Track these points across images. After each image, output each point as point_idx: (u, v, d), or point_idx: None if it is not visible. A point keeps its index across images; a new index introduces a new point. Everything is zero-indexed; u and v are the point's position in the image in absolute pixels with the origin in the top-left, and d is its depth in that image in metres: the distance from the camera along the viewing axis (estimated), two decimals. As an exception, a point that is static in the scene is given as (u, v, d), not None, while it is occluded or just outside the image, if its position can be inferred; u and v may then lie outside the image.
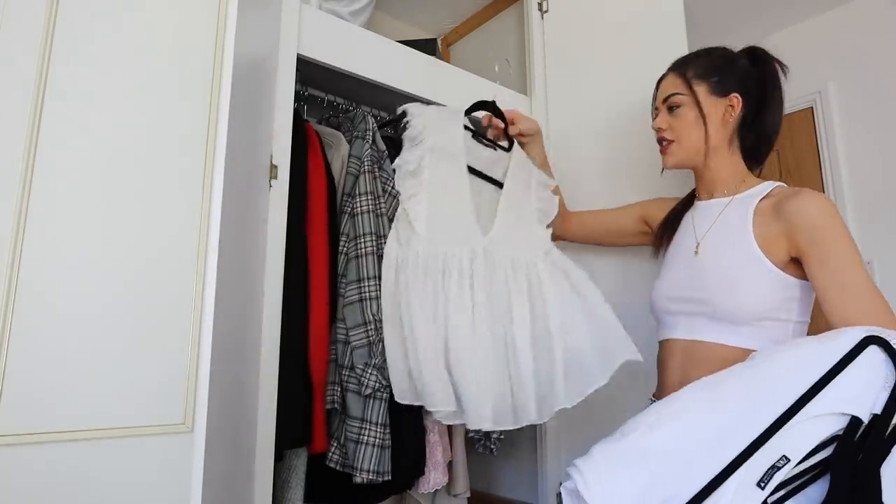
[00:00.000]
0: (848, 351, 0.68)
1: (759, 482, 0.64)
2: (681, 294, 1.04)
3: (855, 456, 0.63)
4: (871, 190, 2.00)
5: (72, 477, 0.78)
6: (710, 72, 1.10)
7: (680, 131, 1.09)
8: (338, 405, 1.26)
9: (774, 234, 0.94)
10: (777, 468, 0.64)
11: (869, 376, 0.66)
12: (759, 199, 1.00)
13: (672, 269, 1.11)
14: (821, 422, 0.65)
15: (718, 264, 0.99)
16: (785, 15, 2.21)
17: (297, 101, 1.31)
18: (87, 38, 0.87)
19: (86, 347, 0.81)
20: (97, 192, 0.85)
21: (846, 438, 0.64)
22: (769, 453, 0.65)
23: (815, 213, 0.89)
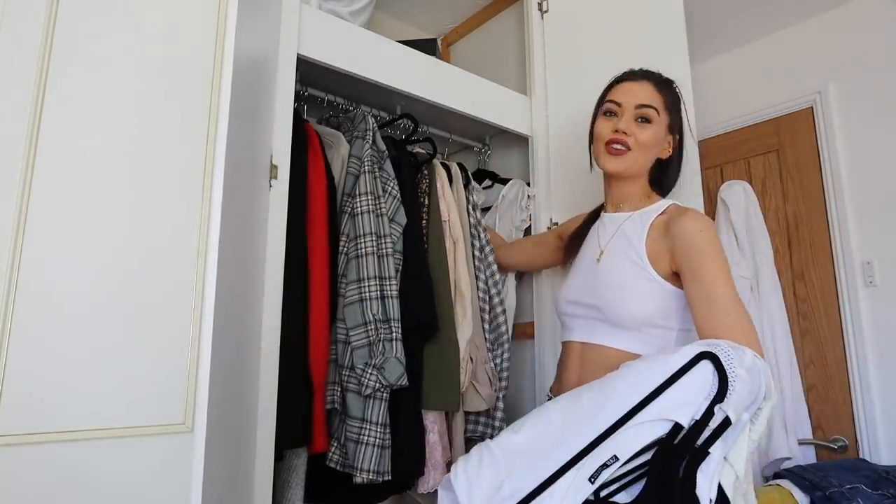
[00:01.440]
0: (682, 365, 0.76)
1: (591, 477, 0.74)
2: (580, 299, 1.10)
3: (673, 457, 0.72)
4: (871, 190, 2.00)
5: (72, 477, 0.78)
6: (675, 107, 1.16)
7: (642, 145, 1.10)
8: (338, 405, 1.26)
9: (662, 249, 1.01)
10: (607, 465, 0.74)
11: (695, 387, 0.75)
12: (656, 216, 1.08)
13: (575, 275, 1.17)
14: (648, 427, 0.74)
15: (612, 273, 1.06)
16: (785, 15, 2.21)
17: (297, 101, 1.31)
18: (87, 38, 0.87)
19: (86, 347, 0.81)
20: (97, 192, 0.85)
21: (665, 441, 0.73)
22: (602, 453, 0.74)
23: (694, 233, 0.96)
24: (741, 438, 0.75)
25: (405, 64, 1.50)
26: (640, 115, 1.10)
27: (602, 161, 1.13)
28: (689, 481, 0.71)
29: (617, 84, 1.18)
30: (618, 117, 1.12)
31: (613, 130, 1.10)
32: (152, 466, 0.84)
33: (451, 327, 1.42)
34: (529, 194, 1.73)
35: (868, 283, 1.98)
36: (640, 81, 1.14)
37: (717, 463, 0.72)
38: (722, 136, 2.44)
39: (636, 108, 1.10)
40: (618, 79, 1.19)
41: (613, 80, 1.21)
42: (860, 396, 1.94)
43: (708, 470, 0.71)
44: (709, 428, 0.73)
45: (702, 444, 0.72)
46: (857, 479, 1.52)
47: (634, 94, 1.12)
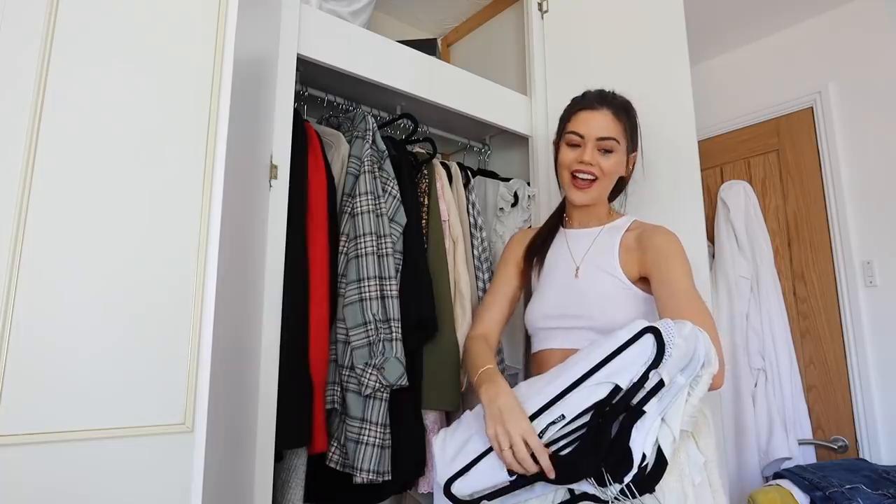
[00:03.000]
0: (628, 338, 0.88)
1: (539, 433, 0.88)
2: (561, 311, 1.15)
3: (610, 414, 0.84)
4: (871, 190, 2.00)
5: (72, 477, 0.78)
6: (632, 129, 1.22)
7: (607, 174, 1.18)
8: (338, 405, 1.26)
9: (632, 259, 1.13)
10: (554, 423, 0.87)
11: (635, 356, 0.86)
12: (624, 231, 1.18)
13: (550, 289, 1.20)
14: (592, 389, 0.86)
15: (595, 286, 1.14)
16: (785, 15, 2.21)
17: (297, 101, 1.31)
18: (87, 38, 0.87)
19: (86, 347, 0.81)
20: (97, 193, 0.85)
21: (603, 401, 0.85)
22: (552, 413, 0.88)
23: (664, 242, 1.09)
24: (677, 401, 0.85)
25: (405, 64, 1.50)
26: (601, 147, 1.16)
27: (571, 194, 1.20)
28: (623, 435, 0.82)
29: (576, 113, 1.20)
30: (581, 148, 1.18)
31: (579, 161, 1.17)
32: (152, 466, 0.84)
33: (451, 327, 1.42)
34: (529, 194, 1.72)
35: (868, 283, 1.98)
36: (598, 110, 1.18)
37: (651, 420, 0.83)
38: (722, 136, 2.44)
39: (597, 140, 1.16)
40: (576, 105, 1.22)
41: (572, 106, 1.24)
42: (860, 396, 1.94)
43: (643, 427, 0.83)
44: (644, 389, 0.84)
45: (637, 403, 0.84)
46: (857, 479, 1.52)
47: (595, 126, 1.17)
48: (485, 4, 2.18)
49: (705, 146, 2.39)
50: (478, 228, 1.62)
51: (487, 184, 1.86)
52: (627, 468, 0.81)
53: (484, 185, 1.86)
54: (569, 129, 1.20)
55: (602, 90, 1.23)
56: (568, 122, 1.22)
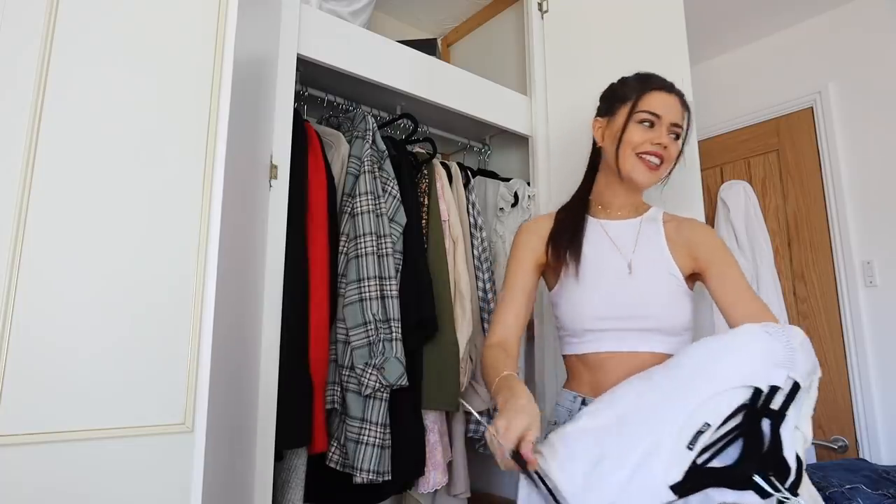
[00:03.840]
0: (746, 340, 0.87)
1: (689, 444, 0.80)
2: (616, 312, 1.06)
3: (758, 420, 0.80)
4: (871, 190, 2.00)
5: (72, 477, 0.78)
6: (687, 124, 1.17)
7: (669, 161, 1.12)
8: (338, 405, 1.26)
9: (683, 254, 1.08)
10: (701, 432, 0.81)
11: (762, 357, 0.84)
12: (662, 223, 1.13)
13: (599, 287, 1.09)
14: (732, 394, 0.82)
15: (654, 284, 1.07)
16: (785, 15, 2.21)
17: (297, 101, 1.31)
18: (87, 38, 0.87)
19: (86, 347, 0.81)
20: (97, 193, 0.85)
21: (751, 406, 0.81)
22: (694, 422, 0.81)
23: (712, 236, 1.09)
24: (806, 404, 0.84)
25: (405, 64, 1.50)
26: (673, 132, 1.11)
27: (636, 173, 1.10)
28: (776, 439, 0.79)
29: (650, 92, 1.12)
30: (654, 129, 1.10)
31: (652, 143, 1.08)
32: (152, 466, 0.84)
33: (451, 327, 1.42)
34: (529, 194, 1.72)
35: (868, 283, 1.97)
36: (671, 94, 1.12)
37: (792, 424, 0.81)
38: (722, 136, 2.44)
39: (671, 125, 1.10)
40: (648, 84, 1.13)
41: (641, 83, 1.14)
42: (860, 396, 1.94)
43: (787, 432, 0.80)
44: (783, 392, 0.81)
45: (780, 407, 0.81)
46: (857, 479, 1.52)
47: (671, 110, 1.10)
48: (485, 4, 2.18)
49: (705, 146, 2.39)
50: (478, 228, 1.62)
51: (487, 184, 1.86)
52: (787, 472, 0.78)
53: (484, 185, 1.86)
54: (643, 107, 1.10)
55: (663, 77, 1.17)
56: (639, 100, 1.11)
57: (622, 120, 1.13)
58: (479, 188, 1.83)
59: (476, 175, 1.82)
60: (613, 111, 1.15)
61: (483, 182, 1.86)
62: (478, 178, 1.83)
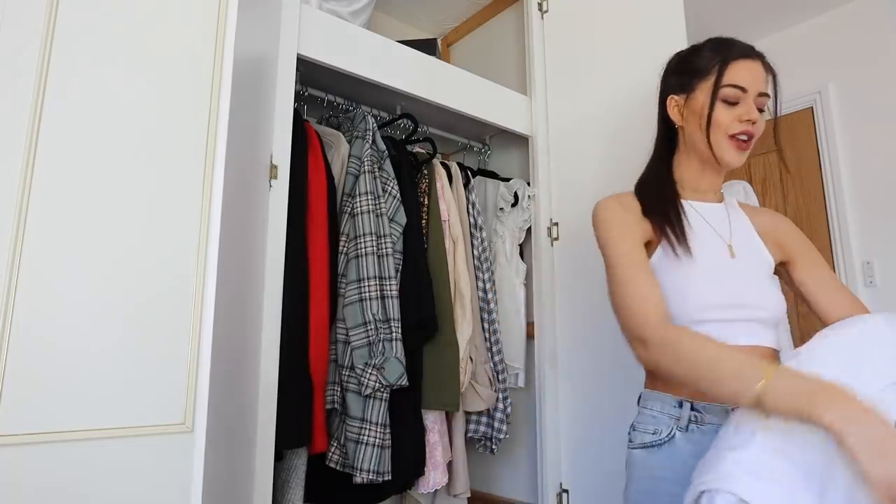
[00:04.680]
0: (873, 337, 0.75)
1: None
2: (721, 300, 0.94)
3: None
4: (871, 190, 2.00)
5: (72, 477, 0.78)
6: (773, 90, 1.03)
7: (759, 133, 0.99)
8: (338, 405, 1.26)
9: (771, 242, 1.02)
10: None
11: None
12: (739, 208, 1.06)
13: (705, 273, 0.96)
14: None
15: (757, 270, 0.98)
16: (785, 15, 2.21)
17: (297, 101, 1.31)
18: (87, 38, 0.87)
19: (86, 347, 0.81)
20: (97, 193, 0.85)
21: None
22: None
23: (793, 225, 1.03)
24: None
25: (405, 64, 1.50)
26: (760, 104, 0.98)
27: (728, 156, 0.99)
28: None
29: (736, 61, 0.98)
30: (741, 105, 0.97)
31: (741, 120, 0.97)
32: (152, 466, 0.84)
33: (451, 327, 1.42)
34: (529, 194, 1.73)
35: (868, 283, 1.97)
36: (755, 60, 0.99)
37: None
38: (722, 136, 2.44)
39: (758, 95, 0.97)
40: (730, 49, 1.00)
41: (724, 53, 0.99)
42: (860, 396, 1.94)
43: None
44: None
45: None
46: (857, 479, 1.52)
47: (757, 79, 0.98)
48: (485, 4, 2.18)
49: (705, 146, 2.39)
50: (478, 228, 1.62)
51: (487, 184, 1.86)
52: None
53: (484, 185, 1.86)
54: (727, 81, 0.97)
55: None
56: (722, 74, 0.98)
57: (704, 98, 1.00)
58: (479, 188, 1.83)
59: (476, 175, 1.82)
60: (692, 86, 1.02)
61: (483, 182, 1.86)
62: (478, 178, 1.83)
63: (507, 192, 1.77)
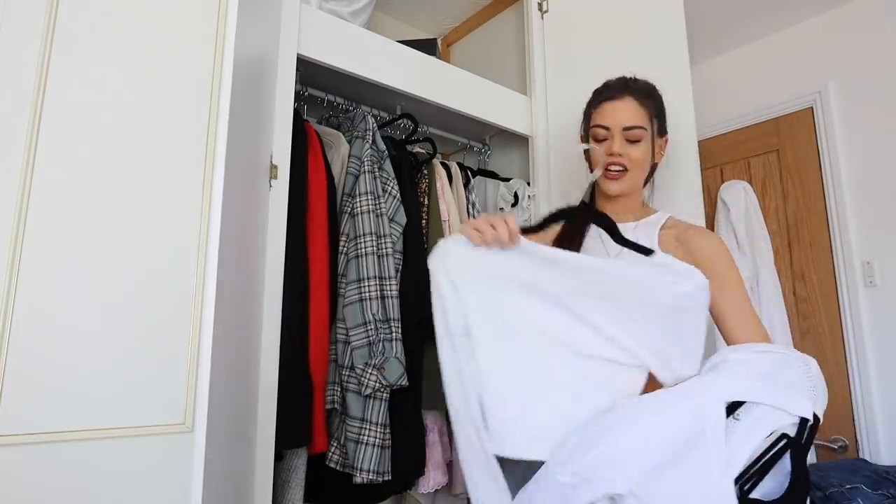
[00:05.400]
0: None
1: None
2: None
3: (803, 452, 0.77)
4: (871, 190, 2.00)
5: (72, 477, 0.78)
6: (660, 113, 1.16)
7: (636, 164, 1.11)
8: (338, 405, 1.26)
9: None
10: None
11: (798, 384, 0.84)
12: (659, 228, 1.12)
13: None
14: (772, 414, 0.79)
15: None
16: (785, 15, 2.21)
17: (297, 101, 1.31)
18: (87, 38, 0.87)
19: (86, 348, 0.81)
20: (97, 193, 0.85)
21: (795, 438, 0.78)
22: None
23: (716, 247, 1.05)
24: None
25: (405, 64, 1.50)
26: (628, 137, 1.11)
27: (604, 185, 1.14)
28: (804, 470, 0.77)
29: (600, 105, 1.16)
30: (608, 140, 1.13)
31: (608, 154, 1.12)
32: (152, 466, 0.84)
33: (451, 327, 1.42)
34: (529, 194, 1.73)
35: (868, 283, 1.98)
36: (621, 99, 1.13)
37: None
38: (722, 136, 2.44)
39: (624, 130, 1.11)
40: (599, 96, 1.17)
41: (594, 98, 1.19)
42: (860, 396, 1.94)
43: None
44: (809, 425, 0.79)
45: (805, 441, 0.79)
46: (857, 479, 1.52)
47: (620, 116, 1.12)
48: (485, 4, 2.18)
49: (705, 146, 2.39)
50: (478, 228, 1.62)
51: (487, 184, 1.86)
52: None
53: (484, 185, 1.86)
54: (594, 122, 1.15)
55: (623, 77, 1.18)
56: (592, 115, 1.17)
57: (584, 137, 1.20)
58: (479, 188, 1.83)
59: (476, 175, 1.82)
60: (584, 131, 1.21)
61: (483, 182, 1.86)
62: (478, 178, 1.83)
63: (507, 192, 1.77)
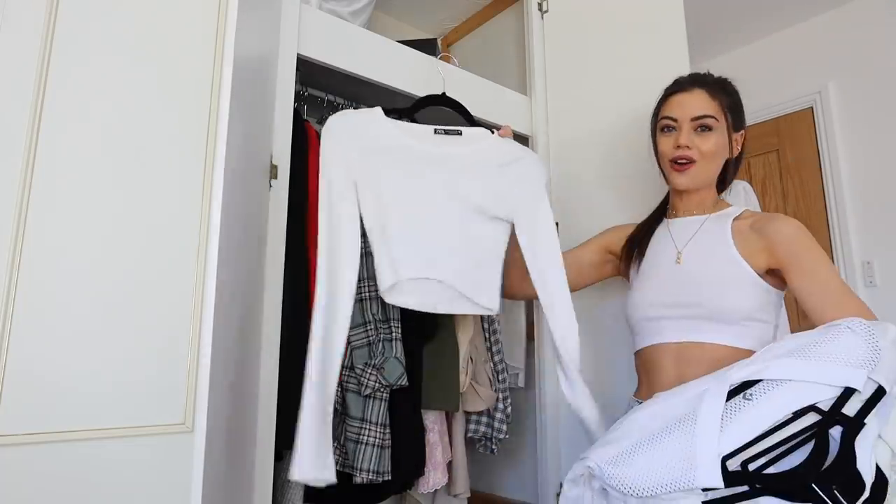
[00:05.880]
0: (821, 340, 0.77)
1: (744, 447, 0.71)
2: (666, 300, 1.08)
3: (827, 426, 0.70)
4: (871, 190, 2.00)
5: (72, 477, 0.78)
6: (735, 107, 1.15)
7: (705, 156, 1.10)
8: (338, 405, 1.26)
9: (755, 248, 1.03)
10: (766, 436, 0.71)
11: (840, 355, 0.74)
12: (732, 220, 1.10)
13: (652, 278, 1.14)
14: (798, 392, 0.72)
15: (705, 269, 1.06)
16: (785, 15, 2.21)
17: (297, 101, 1.31)
18: (87, 38, 0.87)
19: (86, 347, 0.81)
20: (97, 193, 0.85)
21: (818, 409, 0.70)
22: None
23: (795, 232, 1.00)
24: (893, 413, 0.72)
25: (405, 64, 1.50)
26: (698, 125, 1.10)
27: (671, 179, 1.15)
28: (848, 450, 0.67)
29: (668, 97, 1.16)
30: (677, 132, 1.12)
31: (675, 146, 1.10)
32: (152, 466, 0.84)
33: (451, 327, 1.42)
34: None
35: (868, 283, 1.98)
36: (691, 91, 1.12)
37: (873, 437, 0.69)
38: (722, 136, 2.44)
39: (692, 120, 1.10)
40: (668, 91, 1.17)
41: (665, 92, 1.18)
42: (860, 396, 1.94)
43: (866, 444, 0.68)
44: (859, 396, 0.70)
45: (856, 414, 0.69)
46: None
47: (688, 107, 1.10)
48: (485, 4, 2.18)
49: (705, 146, 2.39)
50: (478, 228, 1.62)
51: (487, 184, 1.86)
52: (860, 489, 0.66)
53: (484, 185, 1.86)
54: (661, 115, 1.15)
55: (695, 72, 1.18)
56: (661, 108, 1.17)
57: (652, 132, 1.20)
58: (479, 188, 1.82)
59: (476, 175, 1.82)
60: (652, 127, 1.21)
61: (483, 182, 1.86)
62: (478, 178, 1.82)
63: (507, 192, 1.77)
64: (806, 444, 0.70)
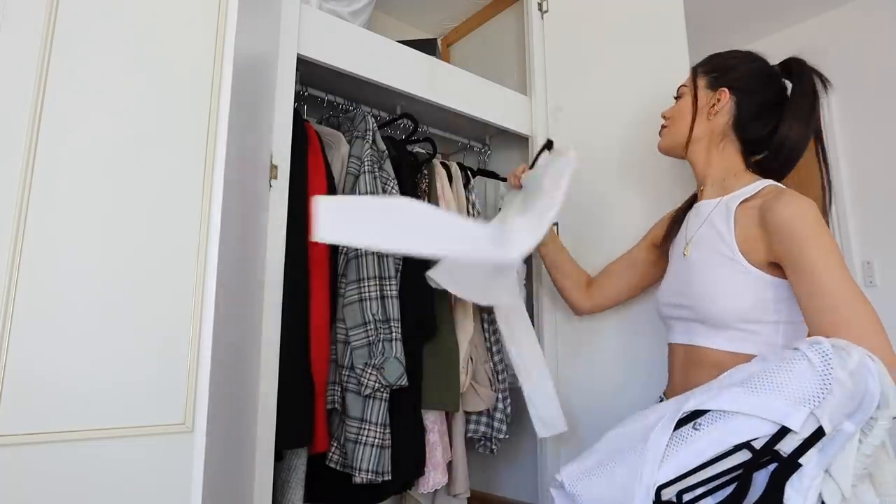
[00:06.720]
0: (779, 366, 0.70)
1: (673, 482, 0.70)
2: (673, 300, 1.04)
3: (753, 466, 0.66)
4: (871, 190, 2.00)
5: (72, 477, 0.78)
6: (717, 68, 1.10)
7: (674, 118, 1.14)
8: (338, 405, 1.26)
9: (754, 237, 0.91)
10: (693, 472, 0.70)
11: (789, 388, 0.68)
12: (742, 200, 0.97)
13: (668, 272, 1.10)
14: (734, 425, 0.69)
15: (702, 268, 0.97)
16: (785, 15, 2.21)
17: (297, 101, 1.31)
18: (87, 37, 0.88)
19: (86, 347, 0.81)
20: (97, 193, 0.85)
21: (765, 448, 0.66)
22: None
23: (792, 220, 0.85)
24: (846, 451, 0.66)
25: (405, 64, 1.50)
26: (676, 96, 1.17)
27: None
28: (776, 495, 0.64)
29: None
30: None
31: None
32: (152, 466, 0.84)
33: (451, 327, 1.42)
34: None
35: (868, 283, 1.98)
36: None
37: (811, 478, 0.64)
38: (722, 136, 2.44)
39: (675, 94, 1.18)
40: None
41: None
42: (860, 396, 1.94)
43: (800, 485, 0.64)
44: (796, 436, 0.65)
45: (791, 454, 0.65)
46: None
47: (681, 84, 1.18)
48: (485, 4, 2.18)
49: (705, 146, 2.39)
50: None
51: (487, 184, 1.86)
52: None
53: (484, 185, 1.86)
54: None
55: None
56: None
57: None
58: (479, 188, 1.83)
59: (476, 175, 1.82)
60: None
61: (483, 182, 1.86)
62: (478, 178, 1.83)
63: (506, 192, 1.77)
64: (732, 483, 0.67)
